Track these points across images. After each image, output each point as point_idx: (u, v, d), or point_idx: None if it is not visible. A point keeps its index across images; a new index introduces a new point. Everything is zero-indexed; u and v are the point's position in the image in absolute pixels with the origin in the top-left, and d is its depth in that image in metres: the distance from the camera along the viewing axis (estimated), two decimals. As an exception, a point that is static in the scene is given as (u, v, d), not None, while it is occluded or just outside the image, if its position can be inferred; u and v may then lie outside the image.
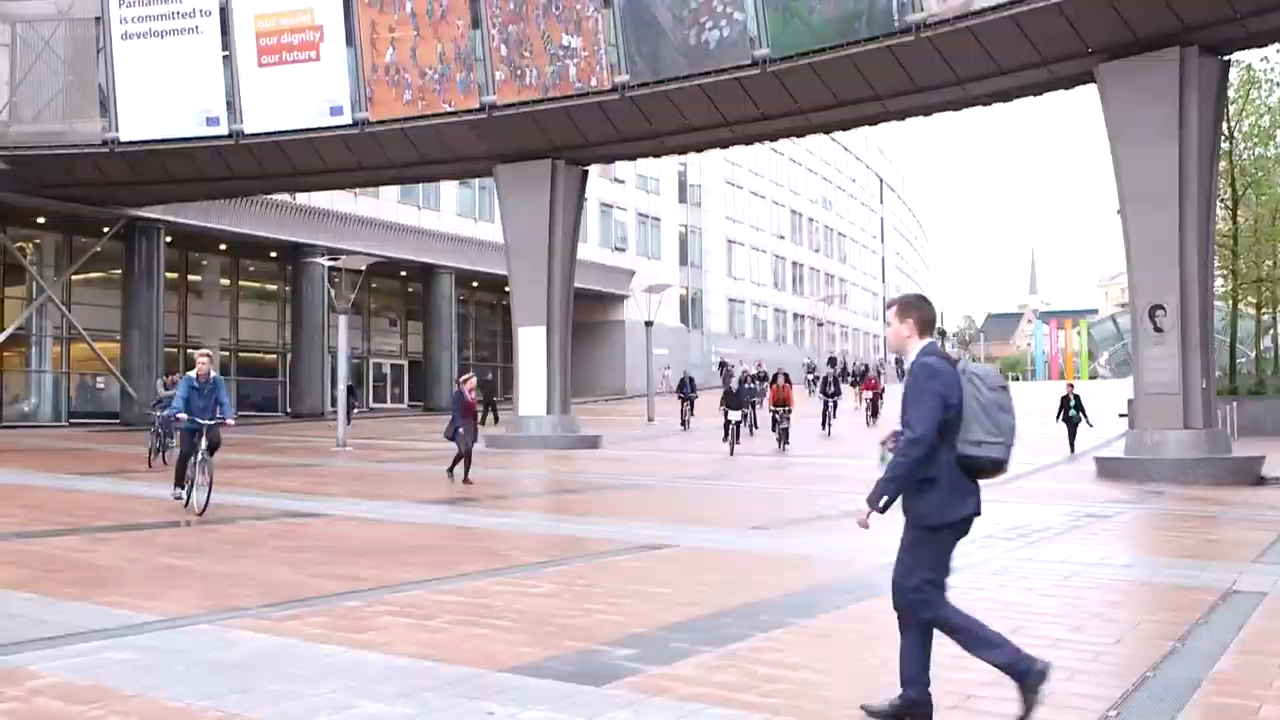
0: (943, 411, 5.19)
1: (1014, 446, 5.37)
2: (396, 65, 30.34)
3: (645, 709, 5.45)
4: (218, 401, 14.36)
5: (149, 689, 5.69)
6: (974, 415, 5.21)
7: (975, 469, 5.30)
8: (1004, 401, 5.30)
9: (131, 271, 40.96)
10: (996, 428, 5.24)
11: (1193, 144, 22.11)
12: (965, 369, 5.34)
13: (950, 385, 5.23)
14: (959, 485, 5.27)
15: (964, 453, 5.21)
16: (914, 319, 5.51)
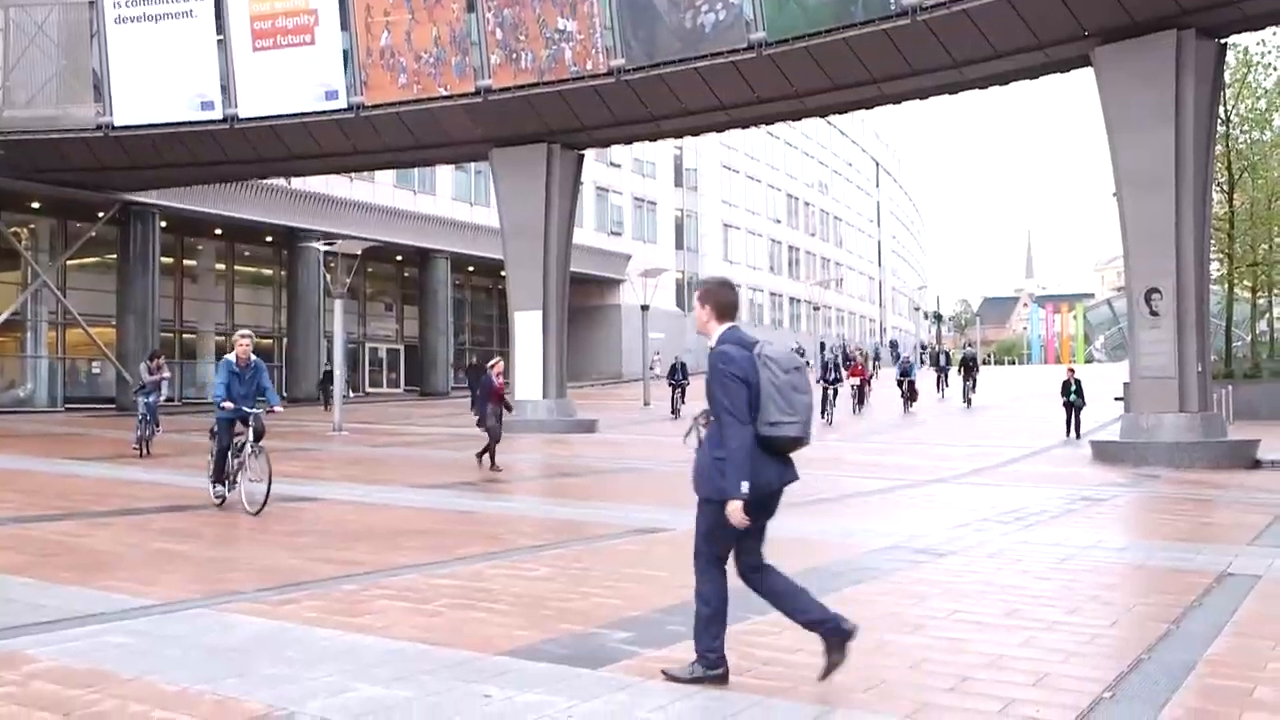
0: (746, 393, 5.45)
1: (811, 423, 5.61)
2: (391, 49, 30.26)
3: (642, 692, 5.46)
4: (260, 387, 13.33)
5: (145, 673, 5.69)
6: (769, 397, 5.45)
7: (775, 447, 5.52)
8: (798, 382, 5.53)
9: (126, 256, 40.88)
10: (791, 407, 5.47)
11: (1189, 127, 22.09)
12: (761, 353, 5.55)
13: (747, 371, 5.48)
14: (761, 461, 5.46)
15: (761, 433, 5.44)
16: (712, 304, 5.76)
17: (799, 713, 5.13)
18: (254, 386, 13.24)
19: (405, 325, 55.41)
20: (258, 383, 13.29)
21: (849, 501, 15.83)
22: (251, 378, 13.19)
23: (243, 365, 13.14)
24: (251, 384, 13.20)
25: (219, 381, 13.08)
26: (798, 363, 5.63)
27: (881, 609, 7.69)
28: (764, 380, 5.48)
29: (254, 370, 13.24)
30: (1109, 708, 5.33)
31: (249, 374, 13.18)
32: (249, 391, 13.15)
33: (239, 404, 12.90)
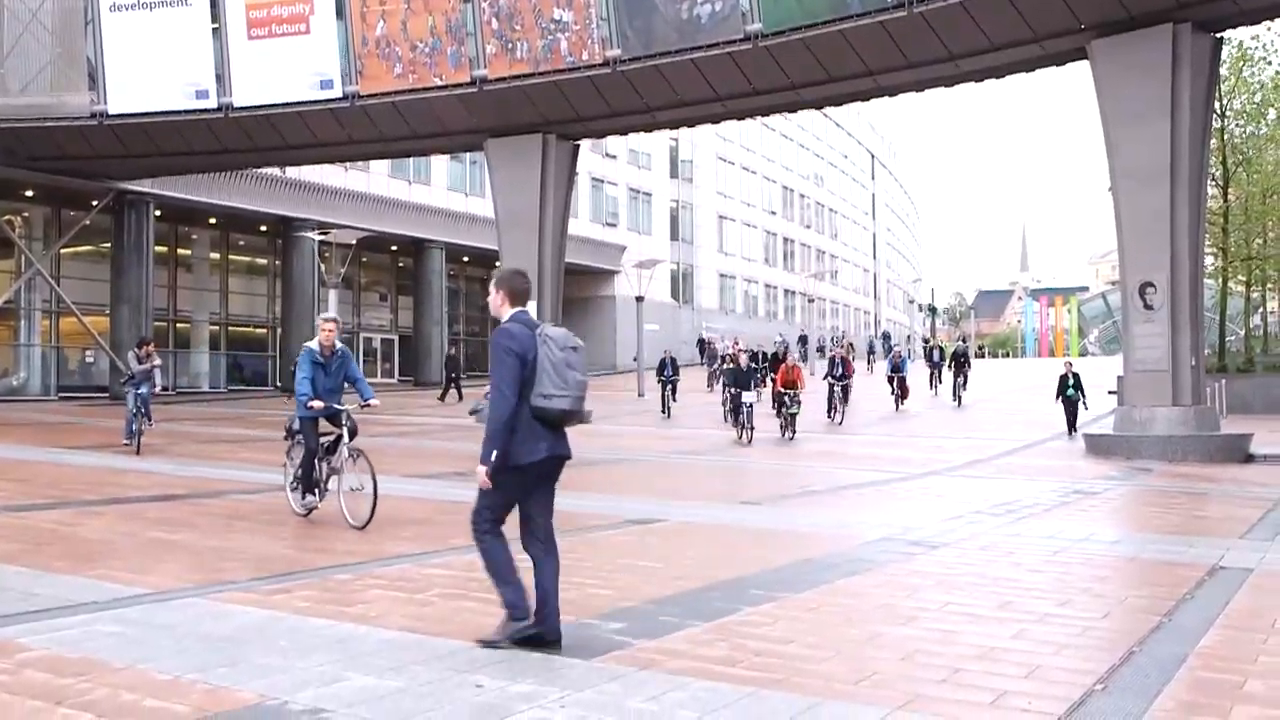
0: (521, 370, 6.07)
1: (584, 398, 6.28)
2: (387, 38, 30.18)
3: (634, 682, 5.46)
4: (350, 378, 11.61)
5: (138, 662, 5.69)
6: (545, 372, 6.06)
7: (548, 419, 6.14)
8: (573, 360, 6.15)
9: (121, 245, 40.78)
10: (565, 383, 6.10)
11: (1184, 121, 22.10)
12: (541, 332, 6.16)
13: (526, 346, 6.10)
14: (533, 433, 6.12)
15: (535, 405, 6.06)
16: (505, 290, 6.40)
17: (792, 704, 5.13)
18: (341, 378, 11.57)
19: (400, 315, 55.36)
20: (345, 373, 11.60)
21: (843, 494, 15.84)
22: (338, 368, 11.50)
23: (328, 354, 11.41)
24: (338, 375, 11.52)
25: (302, 376, 11.29)
26: (575, 343, 6.22)
27: (874, 601, 7.71)
28: (541, 356, 6.09)
29: (340, 359, 11.52)
30: (1100, 700, 5.34)
31: (335, 364, 11.46)
32: (336, 384, 11.52)
33: (326, 400, 11.24)
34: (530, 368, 6.09)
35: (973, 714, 5.06)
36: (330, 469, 11.21)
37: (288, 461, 11.71)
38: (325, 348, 11.37)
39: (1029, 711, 5.12)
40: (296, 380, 11.33)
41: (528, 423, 6.11)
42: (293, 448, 11.69)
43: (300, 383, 11.23)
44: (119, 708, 4.96)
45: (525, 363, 6.09)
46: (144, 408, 19.80)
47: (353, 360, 11.70)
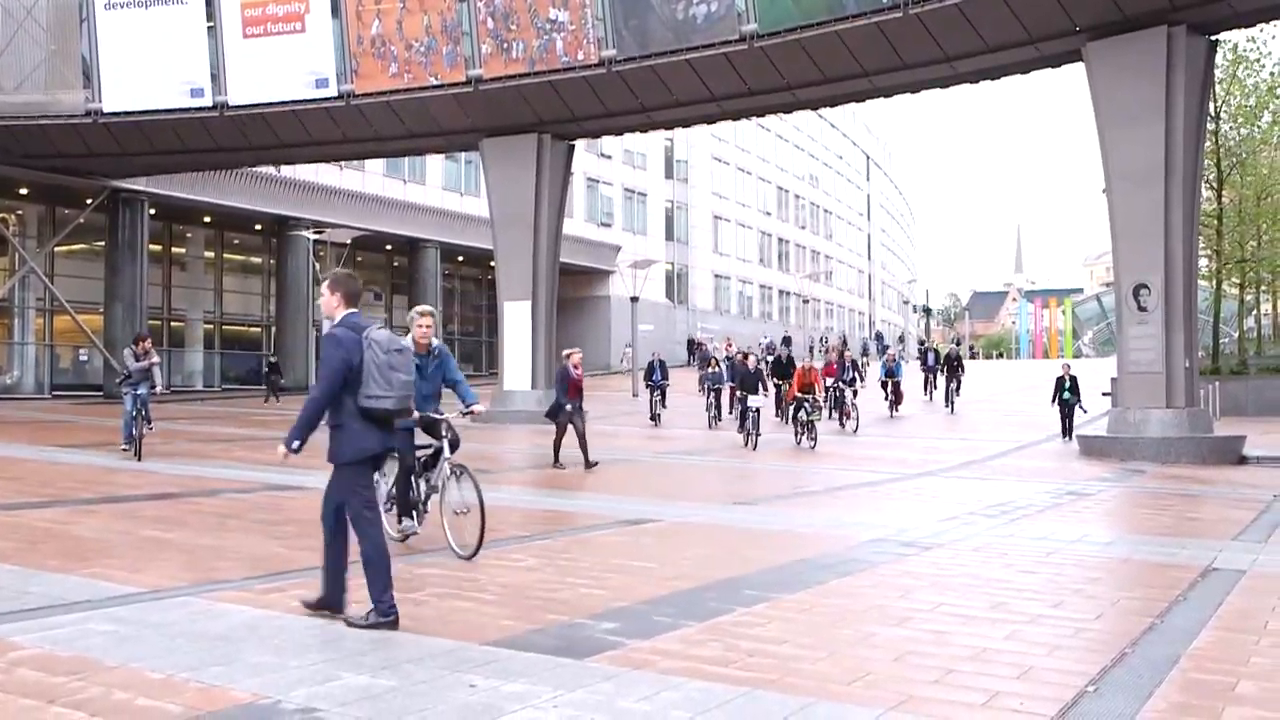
0: (345, 371, 6.58)
1: (410, 397, 6.92)
2: (382, 37, 30.17)
3: (627, 682, 5.47)
4: (448, 382, 9.97)
5: (130, 660, 5.69)
6: (370, 374, 6.61)
7: (375, 417, 6.71)
8: (396, 362, 6.71)
9: (115, 243, 40.73)
10: (389, 384, 6.66)
11: (1178, 123, 22.14)
12: (368, 336, 6.67)
13: (352, 349, 6.62)
14: (364, 429, 6.69)
15: (362, 405, 6.63)
16: (341, 292, 6.90)
17: (785, 704, 5.14)
18: (439, 381, 9.92)
19: (394, 315, 55.31)
20: (444, 376, 9.92)
21: (838, 494, 15.85)
22: (436, 370, 9.83)
23: (423, 354, 9.66)
24: (436, 378, 9.84)
25: None
26: (399, 345, 6.79)
27: (868, 601, 7.71)
28: (367, 359, 6.61)
29: (439, 360, 9.86)
30: (1093, 701, 5.35)
31: (432, 366, 9.78)
32: (433, 389, 9.84)
33: (422, 407, 9.41)
34: (357, 370, 6.61)
35: (965, 714, 5.06)
36: (429, 487, 9.54)
37: (380, 478, 9.41)
38: (420, 346, 9.58)
39: (1021, 712, 5.13)
40: None
41: (357, 419, 6.68)
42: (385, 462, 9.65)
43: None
44: (111, 706, 4.96)
45: (350, 365, 6.61)
46: (143, 409, 18.16)
47: (452, 360, 10.03)
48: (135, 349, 18.92)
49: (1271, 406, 34.04)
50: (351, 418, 6.67)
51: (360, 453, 6.74)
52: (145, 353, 18.78)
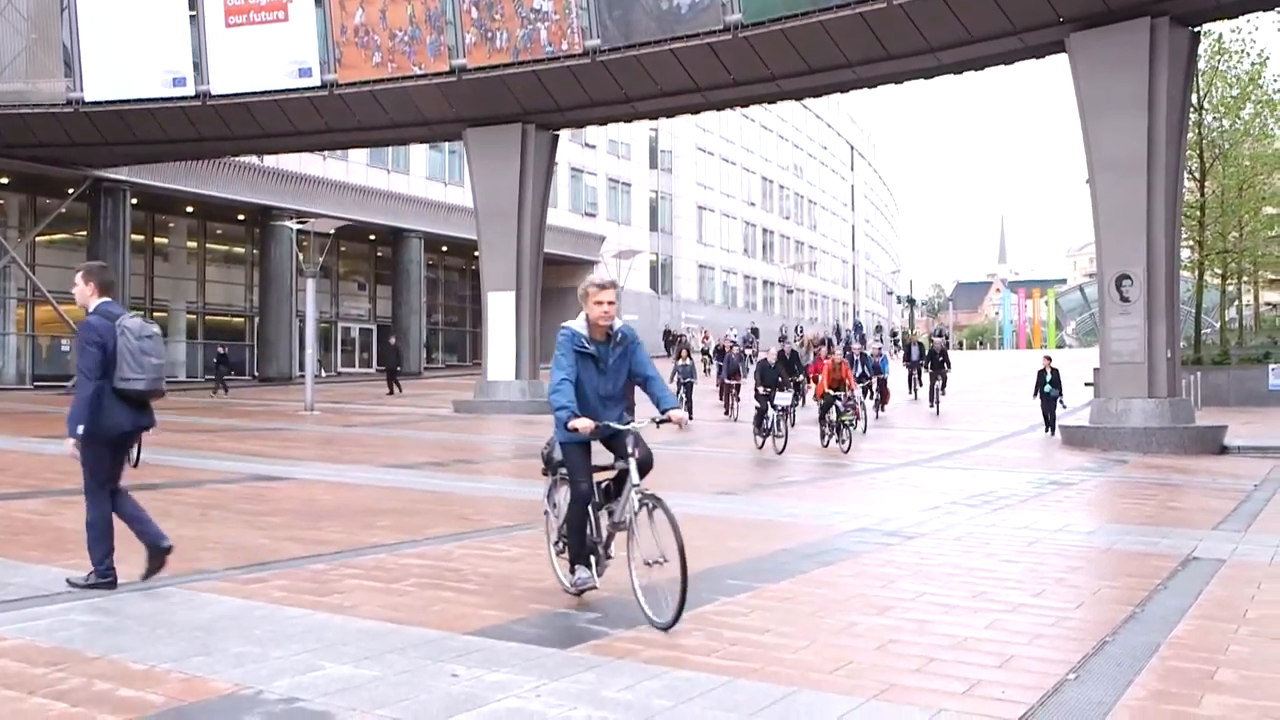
0: (102, 357, 7.03)
1: (162, 380, 7.29)
2: (366, 27, 30.08)
3: (610, 671, 5.47)
4: (638, 378, 7.14)
5: (112, 651, 5.67)
6: (123, 358, 7.06)
7: (128, 398, 7.14)
8: (148, 347, 7.16)
9: (97, 233, 40.57)
10: (141, 367, 7.10)
11: (1161, 114, 22.20)
12: (120, 323, 7.11)
13: (106, 336, 7.05)
14: (119, 409, 7.13)
15: (117, 386, 7.07)
16: (95, 283, 7.31)
17: (766, 693, 5.15)
18: (624, 378, 7.11)
19: (378, 305, 55.22)
20: (631, 370, 7.10)
21: (820, 484, 15.89)
22: (620, 361, 7.04)
23: (600, 339, 7.00)
24: (619, 373, 7.05)
25: (560, 377, 6.84)
26: (150, 331, 7.22)
27: (850, 590, 7.73)
28: (120, 345, 7.06)
29: (624, 348, 7.05)
30: (1073, 689, 5.37)
31: (614, 356, 7.01)
32: (615, 388, 7.03)
33: (599, 413, 6.85)
34: (111, 354, 7.05)
35: (946, 703, 5.08)
36: (612, 524, 6.96)
37: (548, 510, 7.59)
38: (599, 329, 6.97)
39: (1002, 700, 5.15)
40: (551, 383, 6.92)
41: (113, 401, 7.09)
42: (554, 488, 7.52)
43: (557, 387, 6.80)
44: (92, 697, 4.94)
45: (106, 350, 7.05)
46: None
47: (642, 348, 7.22)
48: None
49: (1252, 396, 34.24)
50: (107, 398, 7.08)
51: (111, 429, 7.15)
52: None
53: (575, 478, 6.95)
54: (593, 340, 6.97)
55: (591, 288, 7.02)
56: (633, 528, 6.73)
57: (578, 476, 6.94)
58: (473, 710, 4.82)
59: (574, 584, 7.02)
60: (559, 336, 6.94)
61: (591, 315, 6.96)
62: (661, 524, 6.49)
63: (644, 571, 6.65)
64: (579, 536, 7.00)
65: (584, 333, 6.96)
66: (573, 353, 6.90)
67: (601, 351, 6.97)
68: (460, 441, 22.46)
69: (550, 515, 7.60)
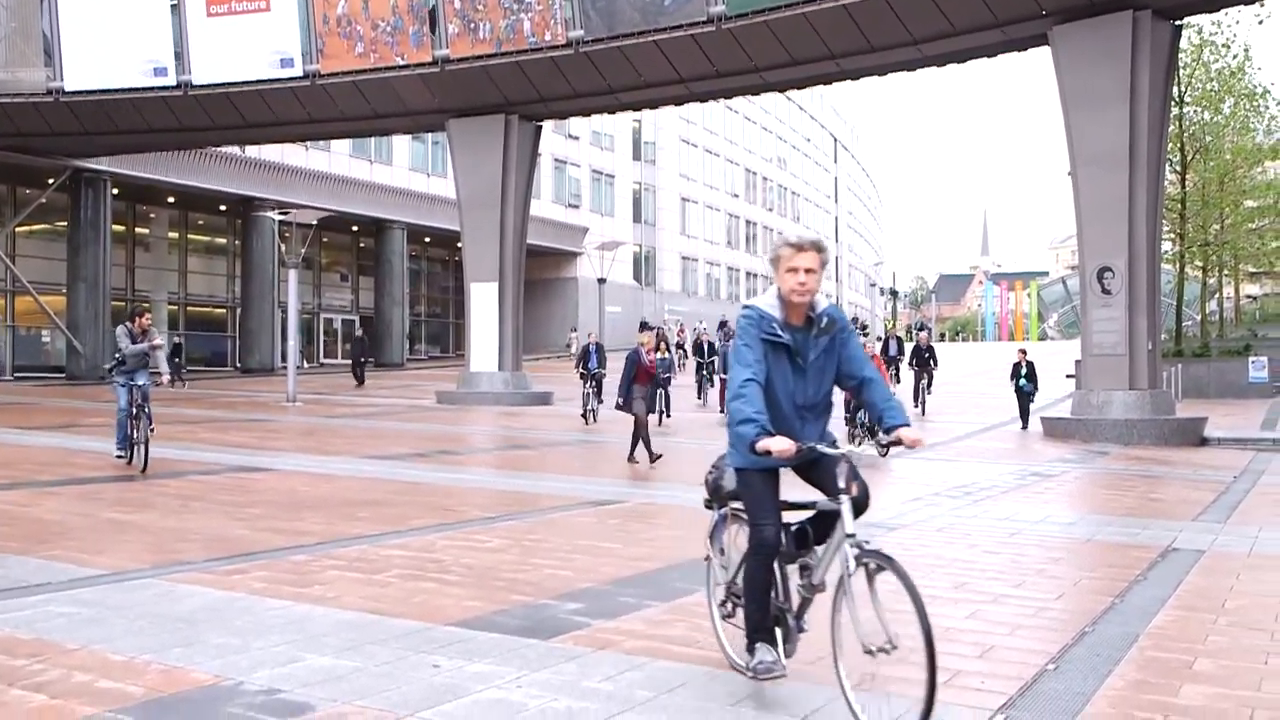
0: None
1: None
2: (348, 17, 29.98)
3: (592, 662, 5.48)
4: (851, 379, 5.06)
5: (91, 642, 5.65)
6: None
7: None
8: None
9: (77, 224, 40.36)
10: None
11: (1143, 107, 22.28)
12: None
13: None
14: None
15: None
16: None
17: (748, 683, 5.15)
18: (829, 381, 5.08)
19: (360, 296, 55.08)
20: (840, 369, 5.06)
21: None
22: (825, 356, 5.03)
23: (798, 325, 4.99)
24: (825, 373, 5.05)
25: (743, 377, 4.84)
26: None
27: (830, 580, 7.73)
28: None
29: (831, 337, 5.02)
30: (1052, 679, 5.40)
31: (817, 349, 5.01)
32: (819, 394, 5.07)
33: (796, 430, 4.94)
34: None
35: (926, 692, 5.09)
36: (809, 585, 4.99)
37: (711, 555, 5.72)
38: (795, 310, 4.97)
39: (982, 691, 5.17)
40: (731, 383, 4.94)
41: None
42: (721, 527, 5.63)
43: (740, 390, 4.81)
44: (72, 689, 4.92)
45: None
46: (143, 405, 14.12)
47: (855, 338, 5.15)
48: (131, 326, 14.64)
49: (1232, 388, 34.43)
50: None
51: None
52: (143, 332, 14.68)
53: (757, 518, 4.97)
54: (788, 325, 4.93)
55: (784, 249, 4.94)
56: (844, 594, 4.67)
57: (761, 516, 4.96)
58: (454, 701, 4.82)
59: (753, 668, 4.93)
60: (740, 319, 5.03)
61: (784, 288, 4.93)
62: (890, 593, 4.52)
63: (860, 662, 4.68)
64: (760, 601, 5.01)
65: (776, 314, 4.92)
66: (760, 342, 4.87)
67: (800, 342, 4.94)
68: (443, 432, 22.43)
69: (714, 564, 5.66)
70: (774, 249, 5.03)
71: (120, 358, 14.45)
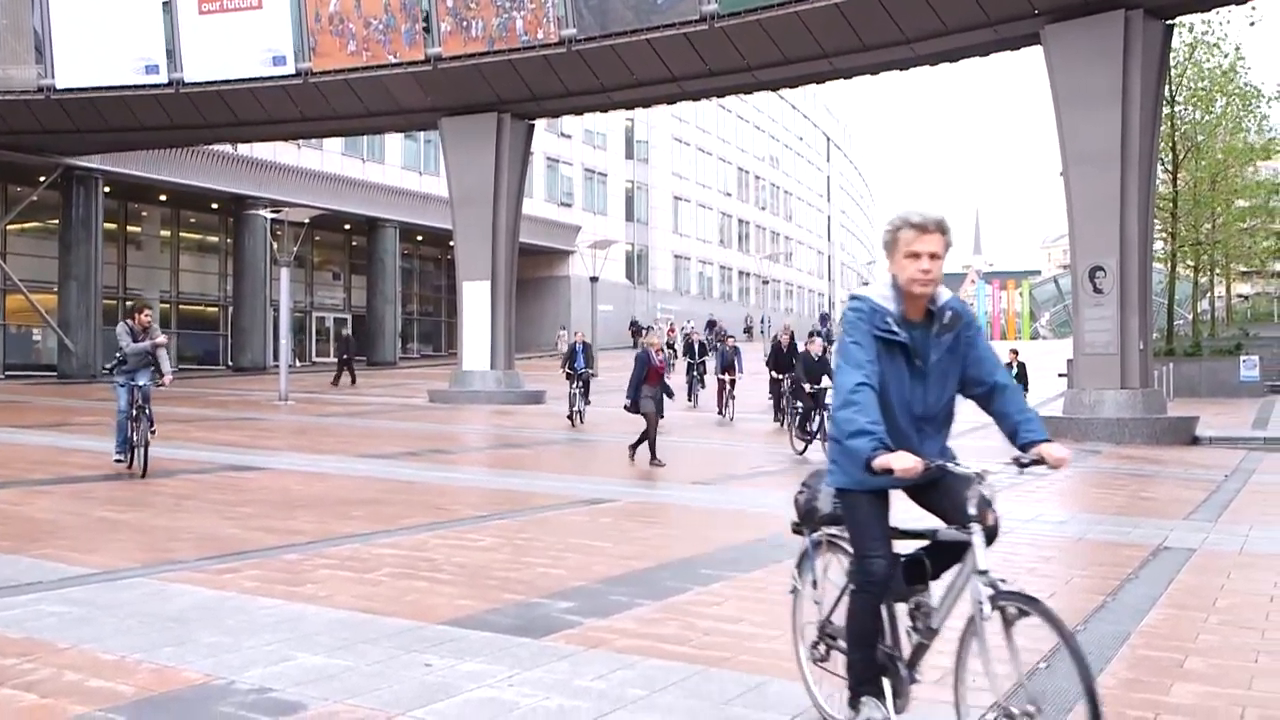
0: None
1: None
2: (340, 15, 29.94)
3: (583, 661, 5.48)
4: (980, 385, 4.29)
5: (82, 641, 5.64)
6: None
7: None
8: None
9: (69, 222, 40.22)
10: None
11: (1135, 107, 22.30)
12: None
13: None
14: None
15: None
16: None
17: (740, 681, 5.17)
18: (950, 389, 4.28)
19: (353, 294, 55.00)
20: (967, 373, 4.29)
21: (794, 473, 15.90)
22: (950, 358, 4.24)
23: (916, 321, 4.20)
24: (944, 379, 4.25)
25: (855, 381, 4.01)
26: None
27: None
28: None
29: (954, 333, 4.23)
30: (1043, 678, 5.39)
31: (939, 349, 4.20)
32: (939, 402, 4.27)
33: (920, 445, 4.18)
34: None
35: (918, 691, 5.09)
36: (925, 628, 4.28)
37: (798, 587, 4.83)
38: (914, 300, 4.18)
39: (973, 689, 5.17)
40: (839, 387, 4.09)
41: None
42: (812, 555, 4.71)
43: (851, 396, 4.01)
44: (63, 688, 4.91)
45: None
46: (144, 407, 13.44)
47: (983, 335, 4.43)
48: (131, 323, 13.83)
49: (1223, 387, 34.51)
50: None
51: None
52: (144, 329, 13.85)
53: (865, 548, 4.15)
54: (905, 320, 4.14)
55: (904, 230, 4.12)
56: (973, 641, 4.00)
57: (869, 546, 4.13)
58: (446, 700, 4.82)
59: None
60: (848, 312, 4.22)
61: (902, 277, 4.12)
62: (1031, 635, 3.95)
63: None
64: (865, 647, 4.27)
65: (890, 307, 4.13)
66: (873, 340, 4.08)
67: (920, 340, 4.15)
68: (435, 431, 22.41)
69: (803, 597, 4.79)
70: (890, 229, 4.19)
71: (121, 357, 13.73)
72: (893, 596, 4.23)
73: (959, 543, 4.06)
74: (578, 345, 25.69)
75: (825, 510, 4.48)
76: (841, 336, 4.17)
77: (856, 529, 4.19)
